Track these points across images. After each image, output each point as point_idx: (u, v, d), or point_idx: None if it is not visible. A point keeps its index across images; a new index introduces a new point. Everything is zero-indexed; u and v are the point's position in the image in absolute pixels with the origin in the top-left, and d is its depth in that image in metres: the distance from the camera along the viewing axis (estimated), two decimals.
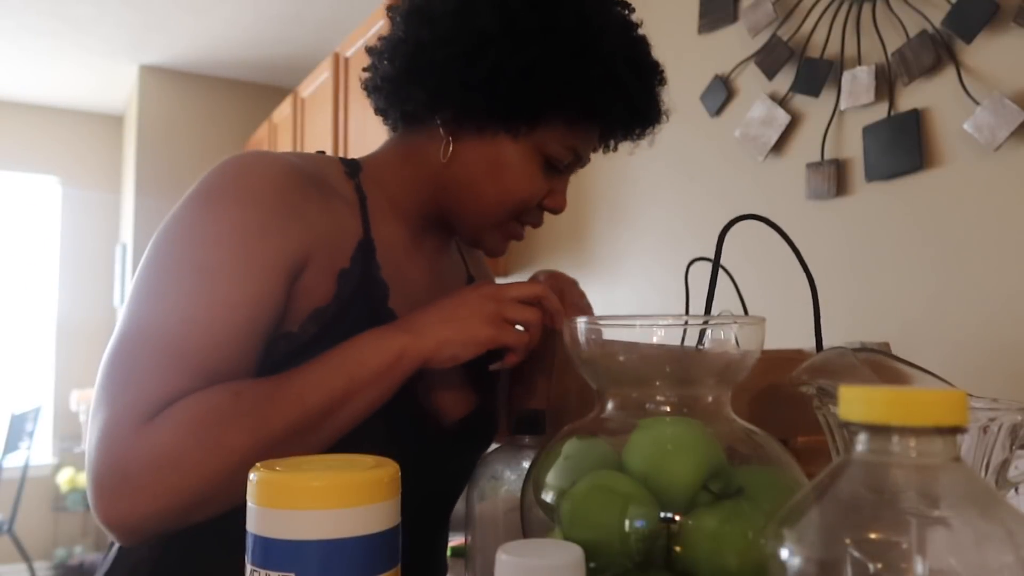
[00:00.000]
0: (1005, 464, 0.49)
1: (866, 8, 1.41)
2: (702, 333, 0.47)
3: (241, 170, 0.67)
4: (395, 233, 0.77)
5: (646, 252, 1.93)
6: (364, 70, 0.78)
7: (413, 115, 0.75)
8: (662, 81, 0.78)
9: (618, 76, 0.72)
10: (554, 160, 0.75)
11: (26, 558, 3.75)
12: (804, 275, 0.63)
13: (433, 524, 0.80)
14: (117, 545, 0.74)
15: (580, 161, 0.77)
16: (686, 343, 0.49)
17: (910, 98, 1.34)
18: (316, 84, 2.92)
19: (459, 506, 0.77)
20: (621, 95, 0.73)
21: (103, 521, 0.58)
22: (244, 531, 0.71)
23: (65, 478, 4.26)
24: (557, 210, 0.78)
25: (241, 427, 0.59)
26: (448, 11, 0.69)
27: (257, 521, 0.36)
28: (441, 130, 0.73)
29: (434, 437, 0.74)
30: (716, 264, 0.58)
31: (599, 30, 0.71)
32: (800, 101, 1.54)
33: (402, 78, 0.72)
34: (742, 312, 0.88)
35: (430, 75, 0.70)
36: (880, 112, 1.37)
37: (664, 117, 0.80)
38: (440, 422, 0.75)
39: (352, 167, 0.78)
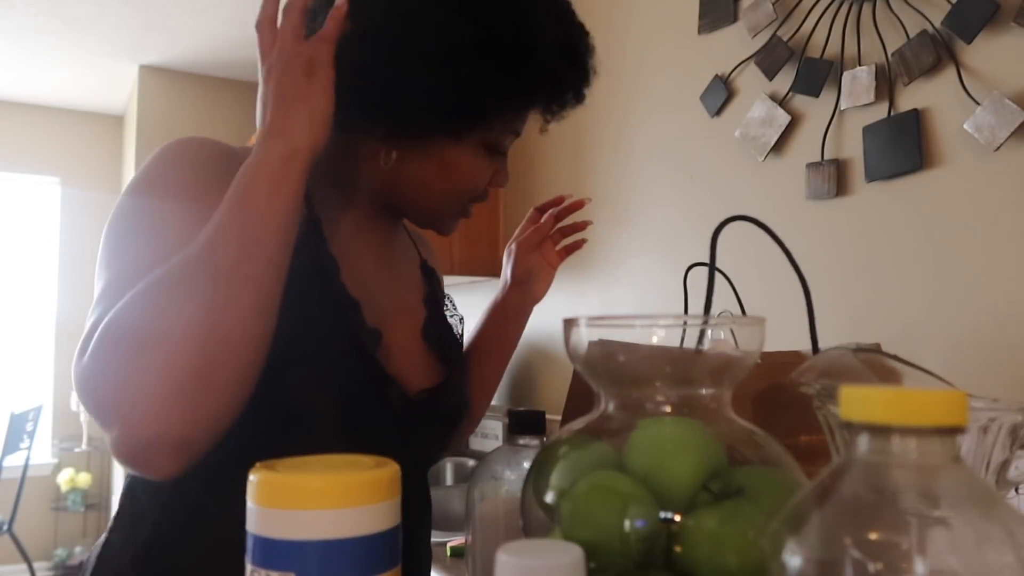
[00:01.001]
0: (1005, 464, 0.49)
1: (866, 8, 1.41)
2: (702, 333, 0.47)
3: (182, 153, 0.69)
4: (340, 214, 0.78)
5: (646, 252, 1.93)
6: None
7: (351, 128, 0.75)
8: (592, 49, 0.78)
9: (559, 70, 0.73)
10: (497, 145, 0.77)
11: (26, 558, 3.75)
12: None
13: (412, 498, 0.80)
14: (99, 546, 0.74)
15: (518, 137, 0.79)
16: (686, 344, 0.49)
17: (910, 98, 1.34)
18: None
19: (459, 506, 0.77)
20: (563, 85, 0.74)
21: (127, 446, 0.56)
22: (226, 530, 0.71)
23: (65, 478, 4.26)
24: (502, 186, 0.81)
25: (177, 294, 0.58)
26: (384, 31, 0.68)
27: (257, 521, 0.36)
28: (382, 142, 0.74)
29: (397, 406, 0.74)
30: (712, 267, 0.58)
31: (533, 29, 0.71)
32: (800, 101, 1.54)
33: (346, 94, 0.70)
34: (740, 314, 0.88)
35: (371, 93, 0.69)
36: (880, 112, 1.37)
37: (594, 73, 0.79)
38: (404, 392, 0.75)
39: None
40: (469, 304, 2.41)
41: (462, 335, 0.92)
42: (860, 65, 1.41)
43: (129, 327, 0.57)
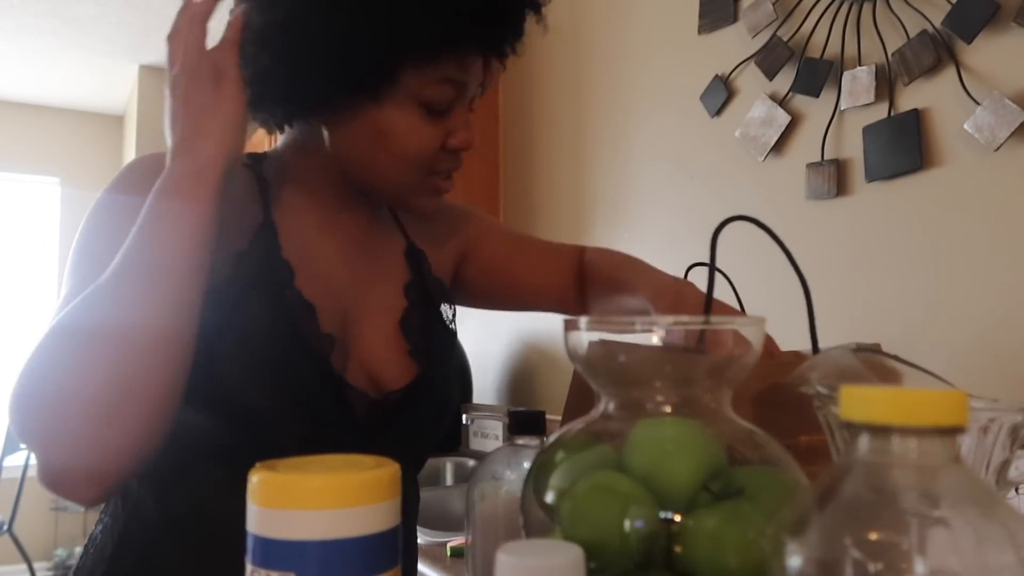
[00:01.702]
0: (1005, 464, 0.49)
1: (866, 8, 1.41)
2: (702, 334, 0.47)
3: (142, 170, 0.70)
4: (304, 216, 0.76)
5: (646, 252, 1.93)
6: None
7: (274, 122, 0.75)
8: None
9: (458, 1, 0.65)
10: (434, 103, 0.69)
11: (26, 558, 3.75)
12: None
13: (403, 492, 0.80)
14: (87, 539, 0.75)
15: (466, 89, 0.71)
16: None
17: (910, 98, 1.34)
18: None
19: (459, 506, 0.77)
20: (475, 17, 0.66)
21: (45, 473, 0.56)
22: (199, 530, 0.71)
23: None
24: (465, 147, 0.73)
25: (87, 322, 0.58)
26: (263, 14, 0.68)
27: (257, 521, 0.36)
28: (309, 123, 0.73)
29: (360, 410, 0.73)
30: (712, 267, 0.58)
31: None
32: (800, 101, 1.54)
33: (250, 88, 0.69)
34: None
35: (258, 83, 0.68)
36: (880, 112, 1.37)
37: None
38: (366, 395, 0.73)
39: (254, 159, 0.78)
40: None
41: (453, 322, 0.87)
42: (860, 65, 1.41)
43: (46, 352, 0.58)
